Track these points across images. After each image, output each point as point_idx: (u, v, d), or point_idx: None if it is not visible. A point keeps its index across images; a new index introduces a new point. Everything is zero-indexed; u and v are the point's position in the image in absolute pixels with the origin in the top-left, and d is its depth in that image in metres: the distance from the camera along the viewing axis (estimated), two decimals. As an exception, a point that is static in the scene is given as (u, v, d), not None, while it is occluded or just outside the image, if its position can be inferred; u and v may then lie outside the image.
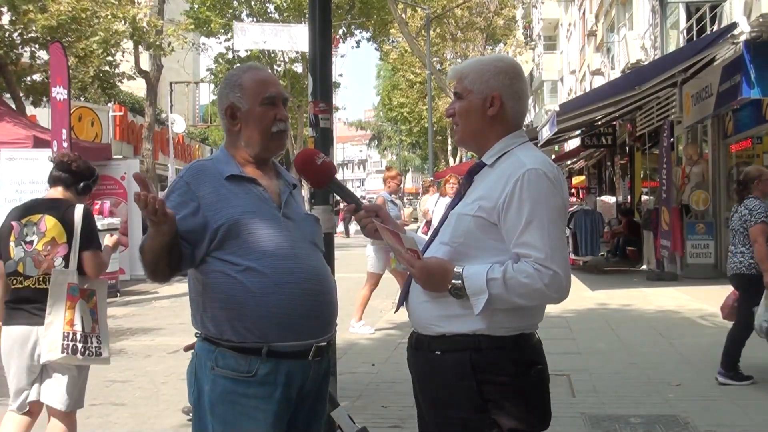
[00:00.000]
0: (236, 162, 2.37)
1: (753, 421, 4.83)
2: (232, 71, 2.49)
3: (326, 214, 4.37)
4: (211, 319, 2.27)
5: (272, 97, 2.38)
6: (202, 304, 2.29)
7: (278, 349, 2.24)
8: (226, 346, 2.24)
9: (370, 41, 30.43)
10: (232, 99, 2.37)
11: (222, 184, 2.31)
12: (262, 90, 2.37)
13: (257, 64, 2.86)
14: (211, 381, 2.23)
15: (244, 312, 2.22)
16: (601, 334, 7.90)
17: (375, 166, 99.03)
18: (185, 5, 25.96)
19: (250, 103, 2.36)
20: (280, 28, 21.80)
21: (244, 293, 2.22)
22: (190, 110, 37.84)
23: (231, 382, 2.22)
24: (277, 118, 2.38)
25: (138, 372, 6.62)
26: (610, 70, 23.38)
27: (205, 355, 2.27)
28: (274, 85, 2.42)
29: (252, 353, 2.22)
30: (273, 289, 2.24)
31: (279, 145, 2.43)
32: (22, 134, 12.42)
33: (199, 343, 2.32)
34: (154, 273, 2.28)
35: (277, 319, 2.24)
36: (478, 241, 2.16)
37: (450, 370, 2.15)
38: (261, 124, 2.37)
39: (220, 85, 2.47)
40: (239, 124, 2.37)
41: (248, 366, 2.22)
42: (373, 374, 6.25)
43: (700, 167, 13.29)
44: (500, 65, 2.28)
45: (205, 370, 2.26)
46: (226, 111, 2.39)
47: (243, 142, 2.38)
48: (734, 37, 11.48)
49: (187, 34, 21.58)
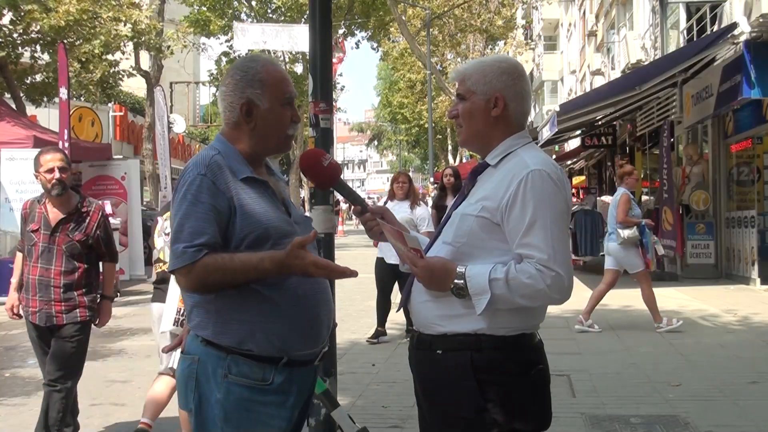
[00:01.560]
0: (244, 159, 2.26)
1: (753, 421, 4.83)
2: (245, 63, 2.32)
3: (326, 214, 4.36)
4: (227, 328, 2.17)
5: (291, 98, 2.30)
6: (215, 312, 2.18)
7: (295, 358, 2.21)
8: (242, 354, 2.16)
9: (370, 41, 30.44)
10: (250, 95, 2.24)
11: (240, 186, 2.19)
12: (283, 89, 2.28)
13: (271, 58, 2.79)
14: (225, 389, 2.15)
15: (270, 325, 2.16)
16: (601, 334, 7.90)
17: (375, 166, 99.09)
18: (185, 7, 25.94)
19: (270, 102, 2.25)
20: (281, 28, 21.80)
21: (271, 306, 2.16)
22: (190, 110, 37.84)
23: (247, 390, 2.16)
24: (293, 120, 2.30)
25: (138, 372, 6.61)
26: (611, 70, 23.39)
27: (213, 361, 2.17)
28: (290, 84, 2.34)
29: (268, 362, 2.17)
30: (297, 301, 2.20)
31: (288, 147, 2.39)
32: (22, 134, 12.43)
33: (200, 348, 2.20)
34: (209, 290, 2.16)
35: (300, 331, 2.21)
36: (481, 241, 2.16)
37: (451, 369, 2.15)
38: (279, 125, 2.28)
39: (231, 76, 2.28)
40: (254, 121, 2.25)
41: (263, 374, 2.16)
42: (373, 374, 6.25)
43: (700, 167, 13.28)
44: (503, 66, 2.28)
45: (214, 377, 2.17)
46: (242, 106, 2.24)
47: (254, 140, 2.27)
48: (734, 37, 11.48)
49: (186, 37, 21.61)
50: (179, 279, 2.17)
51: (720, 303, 9.75)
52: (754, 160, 12.63)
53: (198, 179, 2.15)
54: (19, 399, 5.79)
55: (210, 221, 2.12)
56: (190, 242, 2.10)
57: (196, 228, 2.11)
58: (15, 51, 15.35)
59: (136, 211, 14.04)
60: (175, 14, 26.26)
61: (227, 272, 2.10)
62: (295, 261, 2.08)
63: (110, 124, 23.48)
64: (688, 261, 12.83)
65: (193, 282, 2.13)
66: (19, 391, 6.05)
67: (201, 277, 2.11)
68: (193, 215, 2.12)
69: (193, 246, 2.09)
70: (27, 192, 11.56)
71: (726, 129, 13.15)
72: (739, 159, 13.18)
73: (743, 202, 12.77)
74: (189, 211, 2.13)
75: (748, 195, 12.73)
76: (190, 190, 2.15)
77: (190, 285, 2.15)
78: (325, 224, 4.31)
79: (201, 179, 2.15)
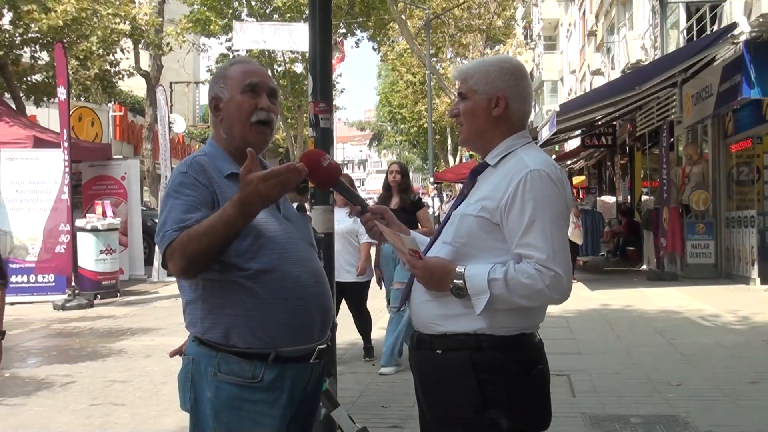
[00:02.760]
0: (230, 157, 2.29)
1: (753, 421, 4.83)
2: (221, 66, 2.43)
3: (326, 214, 4.36)
4: (214, 324, 2.18)
5: (253, 85, 2.28)
6: (203, 308, 2.20)
7: (285, 354, 2.20)
8: (230, 351, 2.16)
9: (370, 40, 30.46)
10: (216, 90, 2.32)
11: (224, 182, 2.22)
12: (245, 78, 2.29)
13: (247, 57, 2.80)
14: (215, 387, 2.16)
15: (253, 318, 2.16)
16: (601, 334, 7.90)
17: (375, 166, 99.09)
18: (185, 6, 25.95)
19: (231, 92, 2.28)
20: (280, 27, 21.79)
21: (253, 299, 2.16)
22: (190, 110, 37.86)
23: (236, 388, 2.16)
24: (259, 107, 2.28)
25: (138, 372, 6.62)
26: (610, 70, 23.39)
27: (205, 360, 2.19)
28: (258, 75, 2.33)
29: (257, 359, 2.16)
30: (284, 295, 2.19)
31: (260, 137, 2.31)
32: (22, 134, 12.43)
33: (194, 348, 2.22)
34: (196, 265, 2.09)
35: (286, 325, 2.19)
36: (480, 241, 2.16)
37: (451, 369, 2.15)
38: (240, 113, 2.27)
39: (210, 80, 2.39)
40: (221, 114, 2.30)
41: (253, 371, 2.16)
42: (373, 374, 6.25)
43: (700, 167, 13.28)
44: (505, 66, 2.28)
45: (205, 376, 2.18)
46: (211, 102, 2.34)
47: (224, 133, 2.31)
48: (734, 37, 11.49)
49: (186, 35, 21.60)
50: (170, 268, 2.15)
51: (720, 303, 9.75)
52: (754, 160, 12.63)
53: (180, 177, 2.20)
54: (19, 399, 5.79)
55: (192, 210, 2.13)
56: (171, 229, 2.11)
57: (177, 218, 2.11)
58: (15, 51, 15.36)
59: (136, 211, 14.06)
60: (175, 14, 26.26)
61: (201, 237, 2.05)
62: (247, 189, 2.00)
63: (110, 124, 23.47)
64: (688, 261, 12.83)
65: (178, 262, 2.09)
66: (19, 391, 6.05)
67: (181, 253, 2.07)
68: (175, 208, 2.14)
69: (173, 230, 2.10)
70: (27, 192, 11.60)
71: (726, 129, 13.15)
72: (739, 159, 13.18)
73: (743, 202, 12.77)
74: (172, 205, 2.15)
75: (748, 195, 12.74)
76: (173, 187, 2.19)
77: (177, 267, 2.12)
78: (325, 224, 4.31)
79: (182, 176, 2.20)
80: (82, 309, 10.56)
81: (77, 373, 6.62)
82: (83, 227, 11.38)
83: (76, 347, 7.89)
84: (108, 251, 11.51)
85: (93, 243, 11.38)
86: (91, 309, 10.61)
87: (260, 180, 1.98)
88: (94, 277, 11.41)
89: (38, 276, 11.42)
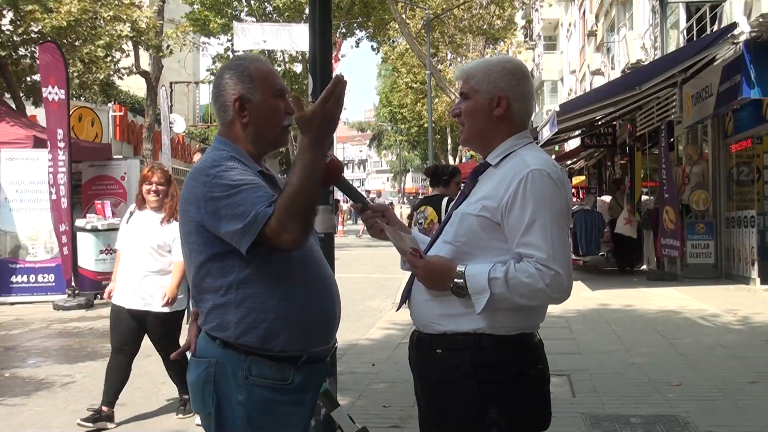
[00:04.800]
0: (250, 157, 2.25)
1: (753, 421, 4.83)
2: (233, 62, 2.35)
3: (326, 214, 4.36)
4: (251, 328, 2.14)
5: (282, 90, 2.30)
6: (236, 313, 2.15)
7: (315, 355, 2.23)
8: (262, 355, 2.15)
9: (370, 40, 30.44)
10: (242, 90, 2.24)
11: (258, 175, 2.19)
12: (273, 81, 2.28)
13: (258, 55, 2.79)
14: (246, 391, 2.15)
15: (292, 323, 2.16)
16: (601, 334, 7.89)
17: (375, 166, 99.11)
18: (185, 6, 25.94)
19: (263, 94, 2.25)
20: (280, 27, 21.81)
21: (293, 304, 2.16)
22: (190, 110, 37.83)
23: (268, 391, 2.16)
24: (287, 111, 2.29)
25: (138, 372, 6.59)
26: (610, 70, 23.40)
27: (233, 363, 2.16)
28: (279, 77, 2.35)
29: (287, 361, 2.17)
30: (317, 297, 2.21)
31: (286, 139, 2.36)
32: (22, 134, 12.42)
33: (217, 350, 2.17)
34: (309, 223, 2.08)
35: (320, 328, 2.23)
36: (481, 241, 2.16)
37: (451, 368, 2.15)
38: (275, 117, 2.26)
39: (221, 77, 2.30)
40: (248, 116, 2.24)
41: (283, 374, 2.17)
42: (373, 374, 6.25)
43: (700, 167, 13.29)
44: (507, 66, 2.28)
45: (234, 380, 2.16)
46: (235, 102, 2.24)
47: (251, 136, 2.25)
48: (734, 37, 11.49)
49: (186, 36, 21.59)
50: (286, 241, 2.04)
51: (720, 303, 9.75)
52: (754, 160, 12.62)
53: (222, 159, 2.15)
54: (19, 399, 5.79)
55: (263, 187, 2.11)
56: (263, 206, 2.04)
57: (258, 197, 2.06)
58: (15, 51, 15.35)
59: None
60: (175, 14, 26.26)
61: (297, 193, 2.02)
62: (312, 124, 2.02)
63: (110, 124, 23.44)
64: (688, 261, 12.82)
65: (294, 228, 2.03)
66: (19, 391, 6.04)
67: (292, 216, 2.02)
68: (247, 192, 2.07)
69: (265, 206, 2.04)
70: (27, 192, 11.59)
71: (726, 129, 13.15)
72: (739, 159, 13.18)
73: (743, 202, 12.77)
74: (243, 194, 2.07)
75: (748, 195, 12.73)
76: (226, 182, 2.09)
77: (295, 233, 2.04)
78: (325, 224, 4.31)
79: (224, 159, 2.15)
80: (82, 309, 10.55)
81: (77, 373, 6.62)
82: (83, 227, 11.37)
83: (76, 347, 7.89)
84: (108, 251, 11.50)
85: (93, 243, 11.37)
86: (91, 309, 10.60)
87: (321, 105, 2.03)
88: (94, 277, 11.40)
89: (38, 276, 11.43)
